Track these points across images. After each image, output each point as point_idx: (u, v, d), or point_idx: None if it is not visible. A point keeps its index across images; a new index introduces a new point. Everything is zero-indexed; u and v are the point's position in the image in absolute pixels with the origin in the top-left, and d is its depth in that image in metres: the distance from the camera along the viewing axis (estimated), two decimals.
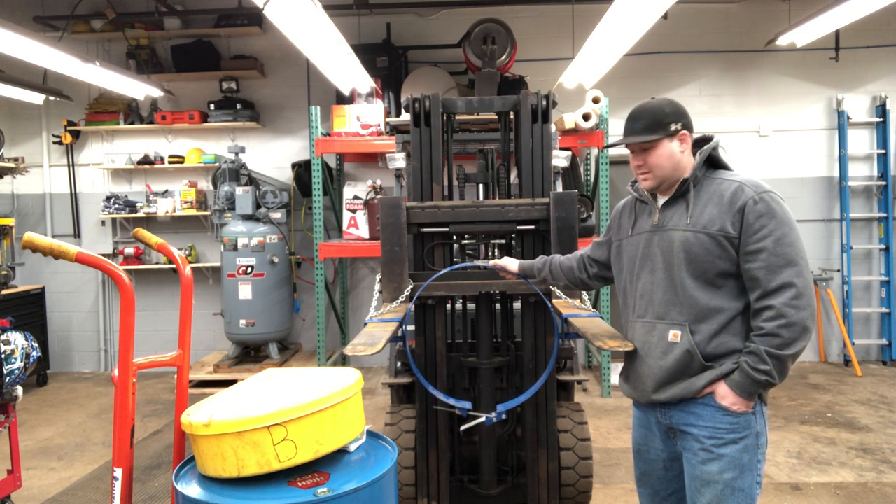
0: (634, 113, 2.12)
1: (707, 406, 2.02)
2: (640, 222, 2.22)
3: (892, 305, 6.76)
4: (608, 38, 4.57)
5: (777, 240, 1.92)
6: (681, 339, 2.03)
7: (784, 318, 1.89)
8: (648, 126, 2.07)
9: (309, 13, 3.93)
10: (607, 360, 5.87)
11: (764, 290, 1.93)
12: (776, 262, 1.91)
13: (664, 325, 2.07)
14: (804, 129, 6.84)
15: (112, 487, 2.18)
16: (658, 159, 2.07)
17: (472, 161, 3.98)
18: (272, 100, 7.01)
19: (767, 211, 1.94)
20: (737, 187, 2.00)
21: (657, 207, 2.16)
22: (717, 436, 2.00)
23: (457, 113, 3.35)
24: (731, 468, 1.98)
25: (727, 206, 1.99)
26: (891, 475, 4.01)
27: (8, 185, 7.14)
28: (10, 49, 4.33)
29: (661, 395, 2.07)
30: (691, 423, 2.05)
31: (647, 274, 2.14)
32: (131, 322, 2.19)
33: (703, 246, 2.00)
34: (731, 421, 1.99)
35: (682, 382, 2.03)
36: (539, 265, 2.62)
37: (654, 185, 2.13)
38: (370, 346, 2.22)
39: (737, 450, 1.99)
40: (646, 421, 2.23)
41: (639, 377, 2.14)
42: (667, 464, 2.20)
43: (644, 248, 2.16)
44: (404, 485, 3.03)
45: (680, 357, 2.03)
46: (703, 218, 2.02)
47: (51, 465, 4.52)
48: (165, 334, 6.92)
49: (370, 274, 7.11)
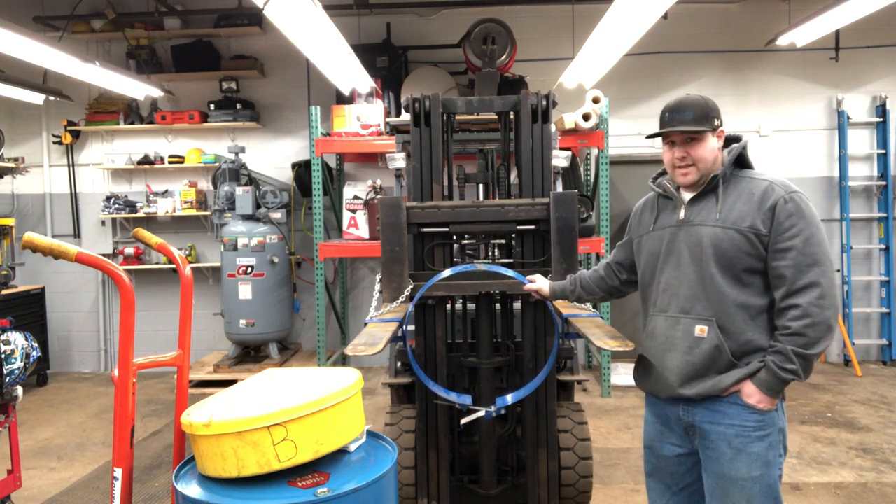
0: (677, 104, 2.10)
1: (733, 405, 2.03)
2: (662, 217, 2.22)
3: (892, 305, 6.76)
4: (608, 38, 4.57)
5: (806, 239, 1.96)
6: (708, 334, 2.04)
7: (810, 318, 1.92)
8: (697, 118, 2.07)
9: (309, 13, 3.93)
10: (607, 360, 5.87)
11: (790, 289, 1.96)
12: (804, 261, 1.95)
13: (689, 320, 2.08)
14: (804, 129, 6.84)
15: (112, 487, 2.18)
16: (703, 152, 2.08)
17: (472, 161, 3.98)
18: (272, 100, 7.01)
19: (797, 211, 1.98)
20: (767, 186, 2.03)
21: (683, 203, 2.16)
22: (744, 434, 2.01)
23: (457, 113, 3.34)
24: (759, 465, 2.01)
25: (757, 205, 2.01)
26: (891, 475, 4.01)
27: (8, 185, 7.14)
28: (10, 49, 4.33)
29: (687, 390, 2.07)
30: (717, 421, 2.05)
31: (671, 269, 2.15)
32: (131, 322, 2.19)
33: (733, 242, 2.02)
34: (758, 419, 2.01)
35: (709, 379, 2.04)
36: (570, 286, 2.60)
37: (695, 180, 2.11)
38: (370, 346, 2.22)
39: (763, 447, 2.01)
40: (663, 416, 2.22)
41: (662, 371, 2.13)
42: (680, 458, 2.20)
43: (668, 243, 2.16)
44: (404, 485, 3.03)
45: (708, 352, 2.04)
46: (732, 214, 2.04)
47: (51, 465, 4.52)
48: (165, 334, 6.91)
49: (370, 274, 7.11)
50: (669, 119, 2.11)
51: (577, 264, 2.88)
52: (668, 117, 2.11)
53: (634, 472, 4.16)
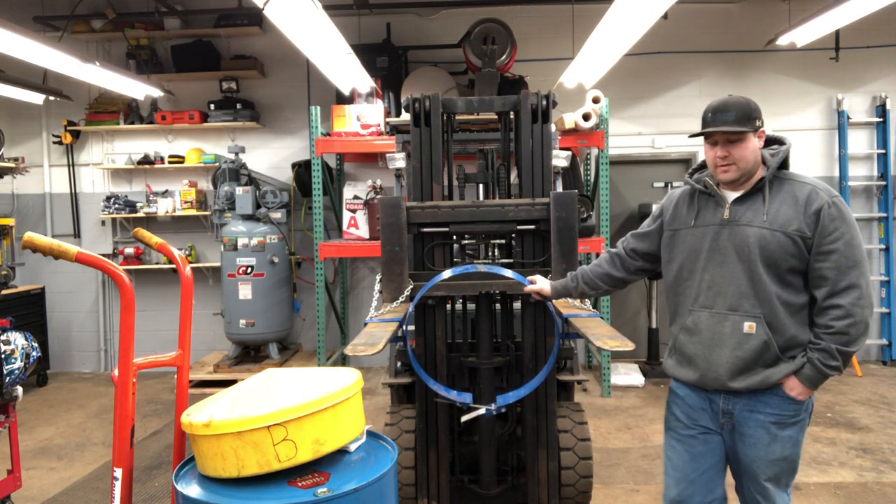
0: (720, 105, 2.16)
1: (775, 395, 2.18)
2: (704, 215, 2.28)
3: (892, 305, 6.76)
4: (608, 38, 4.57)
5: (847, 242, 2.08)
6: (756, 331, 2.14)
7: (852, 318, 2.06)
8: (739, 118, 2.12)
9: (309, 13, 3.93)
10: (607, 360, 5.87)
11: (832, 290, 2.08)
12: (845, 264, 2.07)
13: (738, 317, 2.17)
14: (804, 129, 6.83)
15: (112, 487, 2.18)
16: (744, 152, 2.14)
17: (472, 161, 3.98)
18: (272, 100, 7.01)
19: (840, 215, 2.09)
20: (811, 190, 2.13)
21: (727, 202, 2.22)
22: (782, 421, 2.18)
23: (457, 113, 3.34)
24: (791, 446, 2.20)
25: (802, 208, 2.11)
26: (891, 475, 4.01)
27: (8, 185, 7.14)
28: (10, 49, 4.33)
29: (738, 383, 2.18)
30: (759, 409, 2.19)
31: (715, 266, 2.21)
32: (131, 322, 2.19)
33: (780, 244, 2.11)
34: (795, 408, 2.18)
35: (758, 373, 2.16)
36: (571, 283, 2.63)
37: (735, 178, 2.18)
38: (370, 346, 2.22)
39: (795, 430, 2.20)
40: (698, 402, 2.29)
41: (710, 365, 2.21)
42: (704, 437, 2.29)
43: (712, 241, 2.23)
44: (404, 485, 3.03)
45: (757, 348, 2.15)
46: (779, 217, 2.13)
47: (51, 465, 4.52)
48: (165, 334, 6.91)
49: (370, 274, 7.11)
50: (712, 119, 2.16)
51: (577, 264, 2.88)
52: (711, 118, 2.17)
53: (634, 472, 4.16)
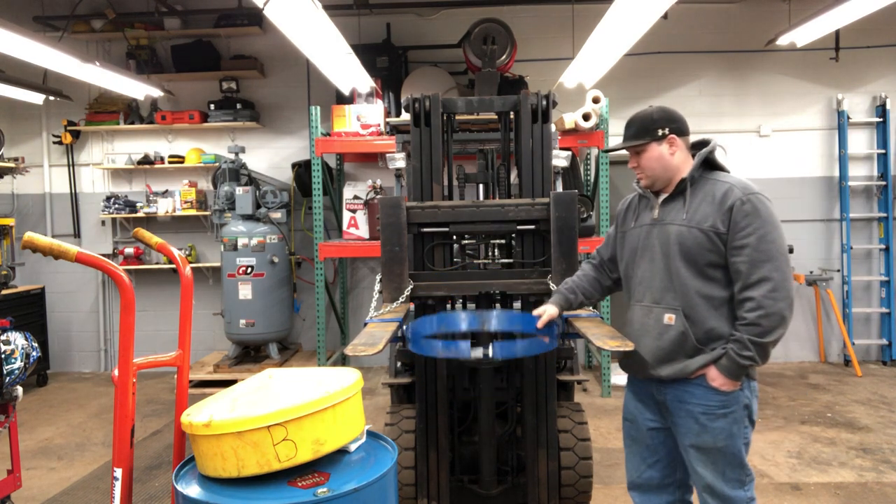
0: (629, 121, 2.37)
1: (699, 386, 2.26)
2: (641, 216, 2.45)
3: (892, 305, 6.76)
4: (608, 38, 4.57)
5: (760, 237, 2.14)
6: (675, 322, 2.27)
7: (763, 309, 2.12)
8: (637, 132, 2.33)
9: (309, 13, 3.93)
10: (607, 360, 5.87)
11: (745, 283, 2.17)
12: (758, 258, 2.14)
13: (660, 309, 2.31)
14: (804, 129, 6.84)
15: (112, 487, 2.19)
16: (647, 161, 2.32)
17: (472, 161, 3.98)
18: (272, 100, 7.01)
19: (753, 211, 2.16)
20: (727, 188, 2.23)
21: (657, 203, 2.38)
22: (709, 412, 2.25)
23: (457, 113, 3.34)
24: (723, 437, 2.25)
25: (718, 206, 2.21)
26: (891, 475, 4.01)
27: (8, 185, 7.14)
28: (10, 49, 4.33)
29: (659, 371, 2.32)
30: (686, 400, 2.29)
31: (646, 262, 2.38)
32: (131, 322, 2.19)
33: (696, 240, 2.23)
34: (721, 399, 2.24)
35: (677, 363, 2.28)
36: (570, 296, 2.63)
37: (647, 184, 2.38)
38: (370, 346, 2.22)
39: (726, 422, 2.25)
40: (640, 393, 2.48)
41: (637, 355, 2.36)
42: (655, 432, 2.44)
43: (644, 239, 2.39)
44: (404, 485, 3.03)
45: (675, 338, 2.27)
46: (697, 215, 2.25)
47: (51, 465, 4.52)
48: (165, 334, 6.92)
49: (370, 274, 7.11)
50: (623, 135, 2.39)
51: (577, 264, 2.88)
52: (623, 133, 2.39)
53: None
